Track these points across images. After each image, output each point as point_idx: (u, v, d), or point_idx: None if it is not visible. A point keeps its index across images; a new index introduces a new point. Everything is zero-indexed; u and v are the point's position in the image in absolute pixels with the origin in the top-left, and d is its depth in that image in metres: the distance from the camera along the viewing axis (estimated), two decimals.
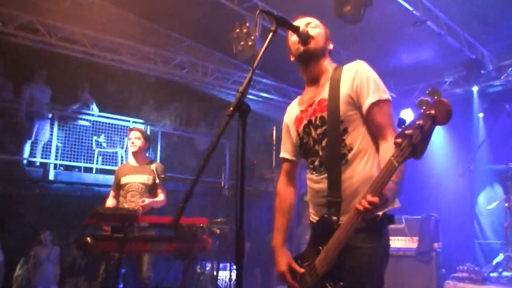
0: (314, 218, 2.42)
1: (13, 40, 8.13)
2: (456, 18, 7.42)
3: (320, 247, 2.20)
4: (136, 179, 5.32)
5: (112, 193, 5.45)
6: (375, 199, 1.86)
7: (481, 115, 8.55)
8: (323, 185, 2.31)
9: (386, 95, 2.29)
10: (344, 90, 2.30)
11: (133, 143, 5.42)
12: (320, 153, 2.35)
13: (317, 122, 2.37)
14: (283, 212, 2.59)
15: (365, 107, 2.26)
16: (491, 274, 6.45)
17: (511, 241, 6.56)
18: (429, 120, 1.63)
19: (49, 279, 7.52)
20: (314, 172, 2.40)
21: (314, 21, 2.49)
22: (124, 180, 5.34)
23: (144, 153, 5.56)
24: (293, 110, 2.59)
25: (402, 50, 8.63)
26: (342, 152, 2.28)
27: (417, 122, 1.66)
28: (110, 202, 5.38)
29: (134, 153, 5.47)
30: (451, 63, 8.46)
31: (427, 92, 1.69)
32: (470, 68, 8.06)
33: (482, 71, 8.07)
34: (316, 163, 2.38)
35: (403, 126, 1.76)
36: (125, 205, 5.19)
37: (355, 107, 2.29)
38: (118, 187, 5.38)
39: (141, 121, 10.58)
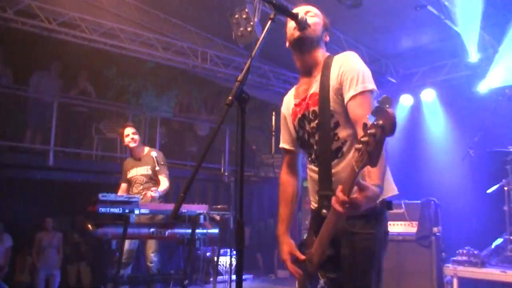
0: (313, 205, 2.45)
1: (12, 25, 8.09)
2: (457, 2, 7.36)
3: (314, 237, 2.24)
4: (138, 172, 5.68)
5: (122, 186, 5.80)
6: (342, 197, 1.82)
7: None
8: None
9: (370, 85, 2.24)
10: (333, 83, 2.29)
11: (132, 139, 5.71)
12: (315, 146, 2.38)
13: (310, 116, 2.38)
14: (286, 202, 2.62)
15: (346, 100, 2.24)
16: (491, 257, 6.50)
17: (511, 224, 6.59)
18: (379, 130, 1.61)
19: (51, 264, 7.60)
20: (311, 164, 2.44)
21: (313, 10, 2.48)
22: (129, 174, 5.70)
23: (141, 144, 5.87)
24: (289, 101, 2.59)
25: (402, 34, 8.60)
26: (336, 146, 2.29)
27: (369, 131, 1.64)
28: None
29: (134, 148, 5.75)
30: (452, 47, 8.41)
31: (379, 99, 1.67)
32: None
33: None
34: (313, 156, 2.41)
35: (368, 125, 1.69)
36: None
37: (344, 99, 2.28)
38: (126, 180, 5.75)
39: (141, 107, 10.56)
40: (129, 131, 5.71)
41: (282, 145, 2.67)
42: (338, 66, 2.31)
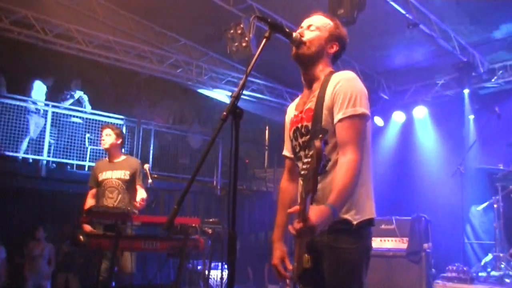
0: None
1: (8, 35, 8.13)
2: (448, 20, 7.49)
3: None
4: (113, 175, 5.33)
5: (91, 191, 5.46)
6: (299, 225, 1.95)
7: (471, 117, 8.63)
8: None
9: (362, 109, 2.26)
10: (327, 101, 2.31)
11: (103, 139, 5.45)
12: (303, 159, 2.40)
13: (303, 130, 2.41)
14: (284, 208, 2.62)
15: (335, 121, 2.27)
16: (480, 274, 6.53)
17: (500, 241, 6.64)
18: (313, 161, 1.82)
19: (40, 275, 7.54)
20: (299, 176, 2.44)
21: (316, 22, 2.49)
22: (101, 177, 5.36)
23: (118, 149, 5.53)
24: (291, 110, 2.62)
25: (394, 51, 8.71)
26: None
27: (305, 160, 1.90)
28: (90, 202, 5.35)
29: (107, 150, 5.49)
30: (443, 65, 8.54)
31: (311, 131, 2.03)
32: (462, 70, 8.14)
33: (473, 74, 8.15)
34: (300, 167, 2.43)
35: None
36: (104, 202, 5.20)
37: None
38: (97, 184, 5.40)
39: (135, 119, 10.57)
40: (104, 132, 5.48)
41: (285, 152, 2.69)
42: (333, 84, 2.32)
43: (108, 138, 5.42)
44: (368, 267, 2.33)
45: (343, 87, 2.28)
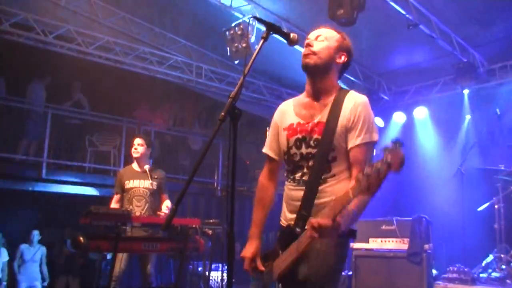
0: (284, 222, 2.52)
1: (8, 38, 8.13)
2: (448, 21, 7.48)
3: (280, 252, 2.36)
4: (141, 184, 5.54)
5: (116, 196, 5.62)
6: (327, 222, 2.03)
7: (468, 117, 8.63)
8: (300, 193, 2.41)
9: (375, 137, 2.39)
10: (342, 120, 2.37)
11: (135, 149, 5.63)
12: (305, 170, 2.43)
13: (312, 143, 2.41)
14: (263, 206, 2.67)
15: (350, 145, 2.37)
16: (481, 275, 6.52)
17: (501, 242, 6.62)
18: (385, 165, 1.82)
19: (32, 278, 7.53)
20: (293, 182, 2.48)
21: (325, 33, 2.50)
22: (128, 185, 5.53)
23: (147, 158, 5.75)
24: (287, 113, 2.59)
25: (395, 52, 8.70)
26: (326, 176, 2.38)
27: (375, 165, 1.85)
28: (114, 206, 5.53)
29: (137, 159, 5.66)
30: (443, 66, 8.52)
31: (391, 141, 1.88)
32: (462, 70, 8.13)
33: (473, 74, 8.13)
34: (298, 177, 2.45)
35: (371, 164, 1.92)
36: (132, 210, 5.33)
37: (346, 138, 2.39)
38: (123, 190, 5.57)
39: (135, 120, 10.57)
40: (136, 141, 5.69)
41: (267, 151, 2.69)
42: (351, 106, 2.39)
43: (141, 148, 5.64)
44: (343, 265, 2.47)
45: (363, 113, 2.38)
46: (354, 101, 2.40)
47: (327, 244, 2.28)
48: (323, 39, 2.46)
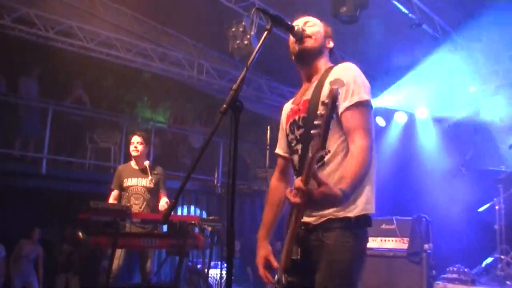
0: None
1: (9, 33, 8.11)
2: (451, 21, 7.46)
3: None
4: (139, 182, 5.51)
5: (114, 193, 5.58)
6: (301, 185, 1.81)
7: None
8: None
9: (364, 96, 2.22)
10: (325, 91, 2.17)
11: (135, 147, 5.58)
12: (299, 152, 2.35)
13: (300, 122, 2.36)
14: (272, 207, 2.61)
15: (340, 110, 2.20)
16: (481, 276, 6.51)
17: (501, 243, 6.61)
18: (324, 107, 1.75)
19: (24, 275, 7.48)
20: (294, 171, 2.43)
21: (312, 20, 2.48)
22: (127, 183, 5.51)
23: (145, 156, 5.71)
24: (287, 106, 2.58)
25: (397, 51, 8.66)
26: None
27: (319, 112, 1.77)
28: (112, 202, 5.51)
29: (135, 157, 5.62)
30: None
31: (331, 81, 1.80)
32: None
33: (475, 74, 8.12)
34: (295, 162, 2.39)
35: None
36: None
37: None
38: (121, 188, 5.54)
39: (136, 117, 10.56)
40: (135, 139, 5.61)
41: (277, 150, 2.64)
42: (334, 75, 2.27)
43: (140, 146, 5.59)
44: (362, 271, 2.23)
45: (345, 76, 2.20)
46: (338, 68, 2.32)
47: (336, 238, 2.15)
48: (312, 24, 2.44)
